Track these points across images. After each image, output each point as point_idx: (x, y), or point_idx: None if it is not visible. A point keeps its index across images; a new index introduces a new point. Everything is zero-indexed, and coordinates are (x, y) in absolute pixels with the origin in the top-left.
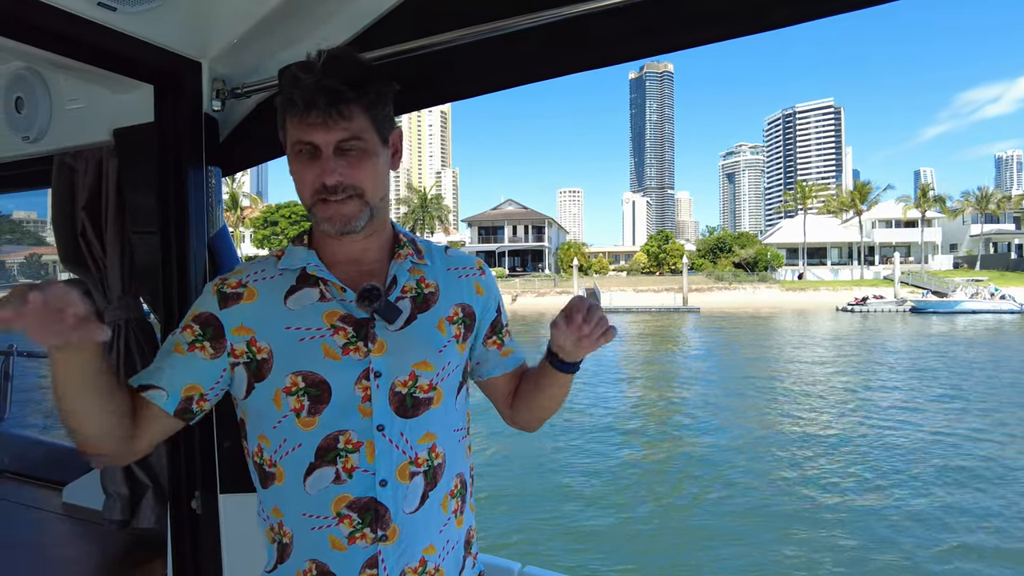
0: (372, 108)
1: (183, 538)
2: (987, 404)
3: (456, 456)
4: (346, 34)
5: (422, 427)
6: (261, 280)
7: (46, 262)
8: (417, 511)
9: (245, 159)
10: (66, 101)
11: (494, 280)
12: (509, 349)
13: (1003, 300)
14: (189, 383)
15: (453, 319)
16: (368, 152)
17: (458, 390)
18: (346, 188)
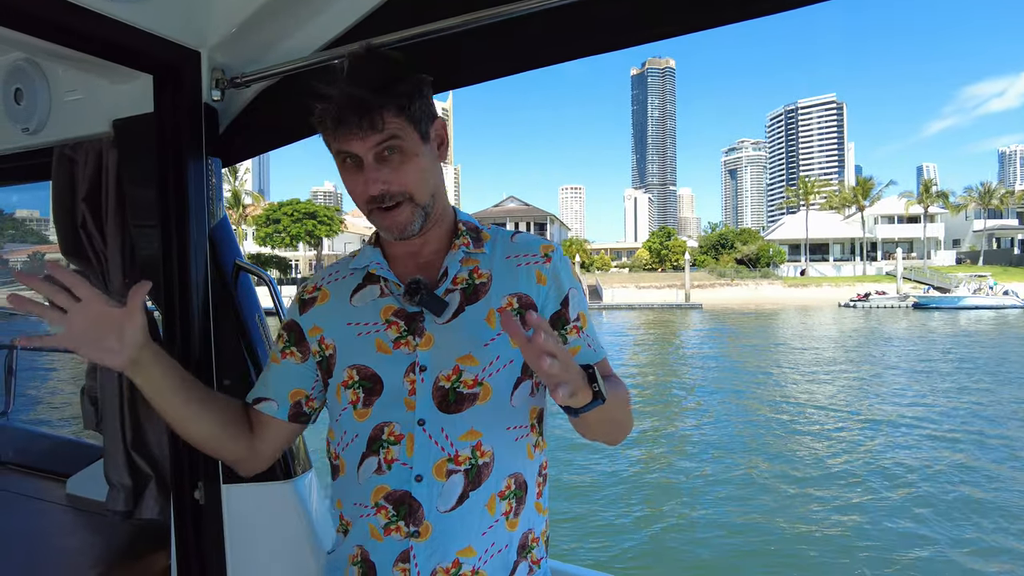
0: (405, 108)
1: (186, 528)
2: (991, 400)
3: (511, 456)
4: (346, 22)
5: (465, 424)
6: (334, 281)
7: (49, 260)
8: (453, 510)
9: (245, 149)
10: (65, 92)
11: (564, 268)
12: (574, 347)
13: (1006, 296)
14: (292, 388)
15: (505, 310)
16: (408, 153)
17: (515, 386)
18: (393, 195)
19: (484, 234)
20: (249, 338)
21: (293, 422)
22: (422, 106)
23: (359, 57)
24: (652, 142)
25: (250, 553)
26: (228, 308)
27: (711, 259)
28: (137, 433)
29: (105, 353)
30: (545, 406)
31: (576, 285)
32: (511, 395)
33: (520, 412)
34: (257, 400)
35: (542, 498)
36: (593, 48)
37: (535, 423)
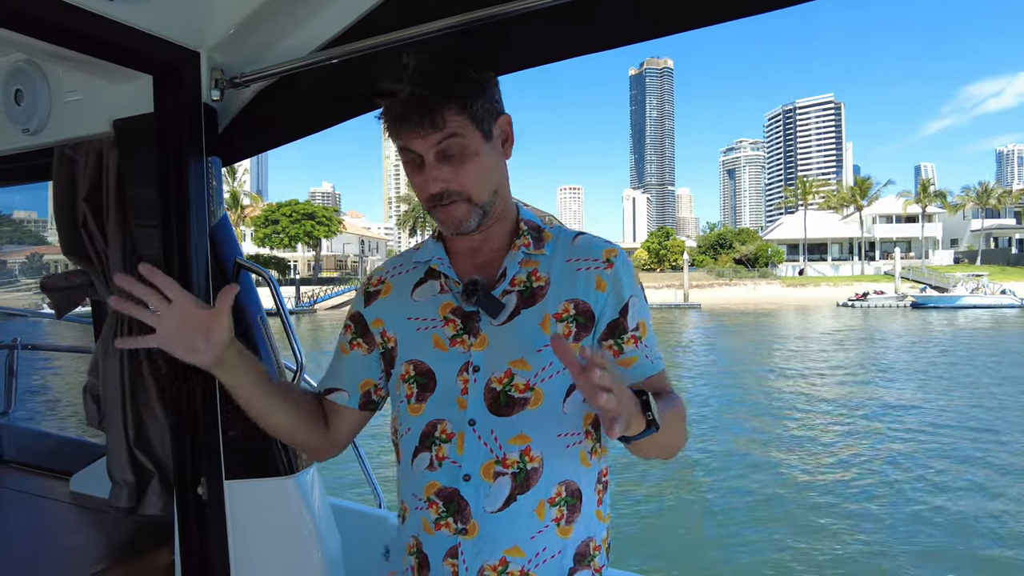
0: (467, 106)
1: (189, 524)
2: (990, 398)
3: (562, 463)
4: (344, 22)
5: (515, 428)
6: (397, 275)
7: (47, 261)
8: (500, 511)
9: (244, 149)
10: (65, 93)
11: (627, 274)
12: (631, 358)
13: (1003, 295)
14: (362, 379)
15: (561, 316)
16: (469, 152)
17: (568, 393)
18: (451, 194)
19: (546, 234)
20: (251, 337)
21: (364, 410)
22: (485, 104)
23: (422, 61)
24: (650, 142)
25: (253, 548)
26: None
27: (709, 259)
28: (140, 430)
29: (193, 353)
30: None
31: (638, 292)
32: (563, 402)
33: (572, 419)
34: (328, 391)
35: (602, 506)
36: (592, 46)
37: (590, 430)
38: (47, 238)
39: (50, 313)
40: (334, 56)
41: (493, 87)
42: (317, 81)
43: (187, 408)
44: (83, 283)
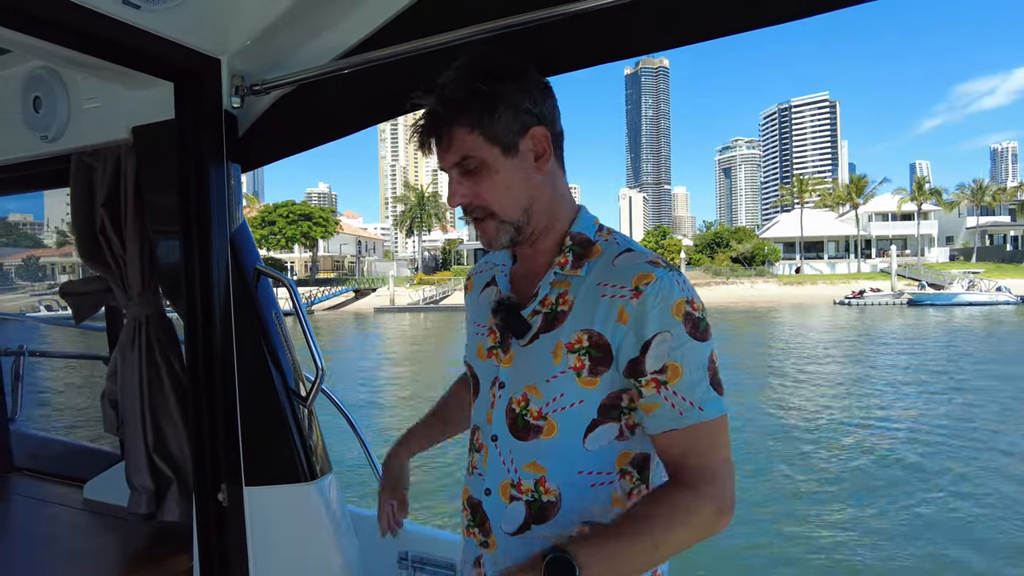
0: (478, 124)
1: (209, 531)
2: (986, 395)
3: (585, 501)
4: (364, 31)
5: (530, 455)
6: (478, 274)
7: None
8: (516, 535)
9: (264, 155)
10: (84, 100)
11: (656, 306)
12: (651, 404)
13: (999, 292)
14: None
15: (574, 347)
16: (486, 168)
17: (589, 428)
18: (475, 209)
19: (595, 249)
20: (270, 342)
21: None
22: (503, 119)
23: (444, 77)
24: (646, 141)
25: (272, 554)
26: (249, 312)
27: (706, 258)
28: (158, 436)
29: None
30: (651, 452)
31: (674, 327)
32: (583, 438)
33: (599, 457)
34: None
35: None
36: (608, 56)
37: (628, 470)
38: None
39: (46, 316)
40: (353, 65)
41: (518, 98)
42: (336, 89)
43: (207, 415)
44: (101, 289)
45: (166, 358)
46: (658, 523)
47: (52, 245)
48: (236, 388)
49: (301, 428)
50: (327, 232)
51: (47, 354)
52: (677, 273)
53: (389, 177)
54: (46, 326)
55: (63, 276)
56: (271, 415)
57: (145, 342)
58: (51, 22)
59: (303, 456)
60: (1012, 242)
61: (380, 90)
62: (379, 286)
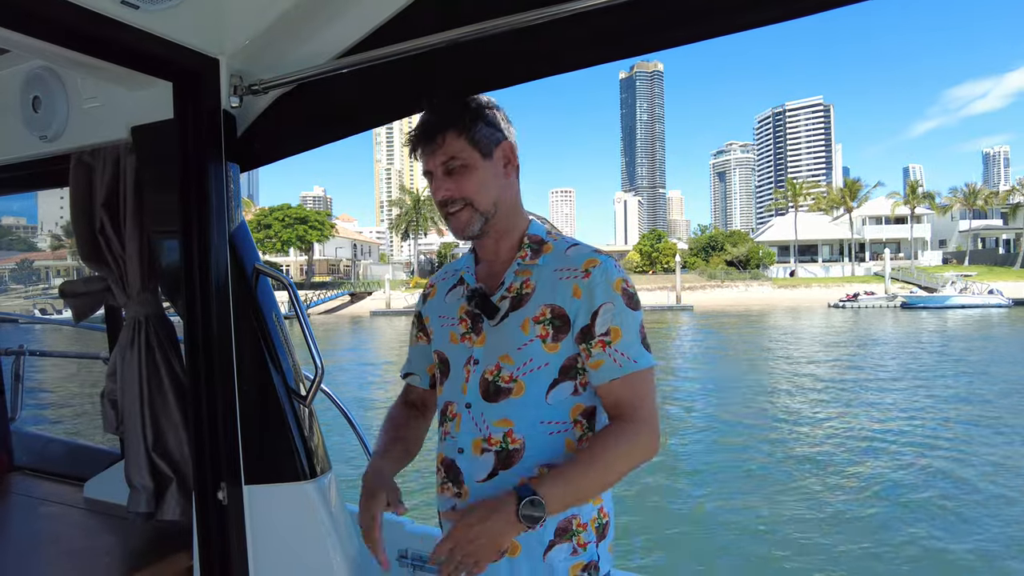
0: (465, 130)
1: (209, 529)
2: (979, 397)
3: (545, 447)
4: (362, 31)
5: (500, 412)
6: (442, 280)
7: (38, 267)
8: (486, 482)
9: (262, 155)
10: (83, 100)
11: (602, 283)
12: (597, 361)
13: (991, 295)
14: (428, 364)
15: (539, 319)
16: (470, 167)
17: (551, 386)
18: (455, 201)
19: (547, 246)
20: (269, 341)
21: (433, 387)
22: (483, 129)
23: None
24: (641, 145)
25: (272, 553)
26: (248, 311)
27: (701, 261)
28: (158, 435)
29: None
30: (598, 405)
31: (615, 298)
32: (546, 394)
33: (557, 409)
34: (407, 375)
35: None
36: (606, 56)
37: (580, 420)
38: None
39: (42, 318)
40: (352, 64)
41: (494, 115)
42: (335, 89)
43: (206, 413)
44: (101, 288)
45: (166, 357)
46: (608, 451)
47: (46, 248)
48: (236, 387)
49: (301, 427)
50: (323, 235)
51: (47, 353)
52: (614, 260)
53: (384, 181)
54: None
55: (57, 279)
56: (271, 414)
57: (145, 341)
58: (50, 22)
59: (303, 455)
60: (1004, 245)
61: (379, 89)
62: (375, 289)
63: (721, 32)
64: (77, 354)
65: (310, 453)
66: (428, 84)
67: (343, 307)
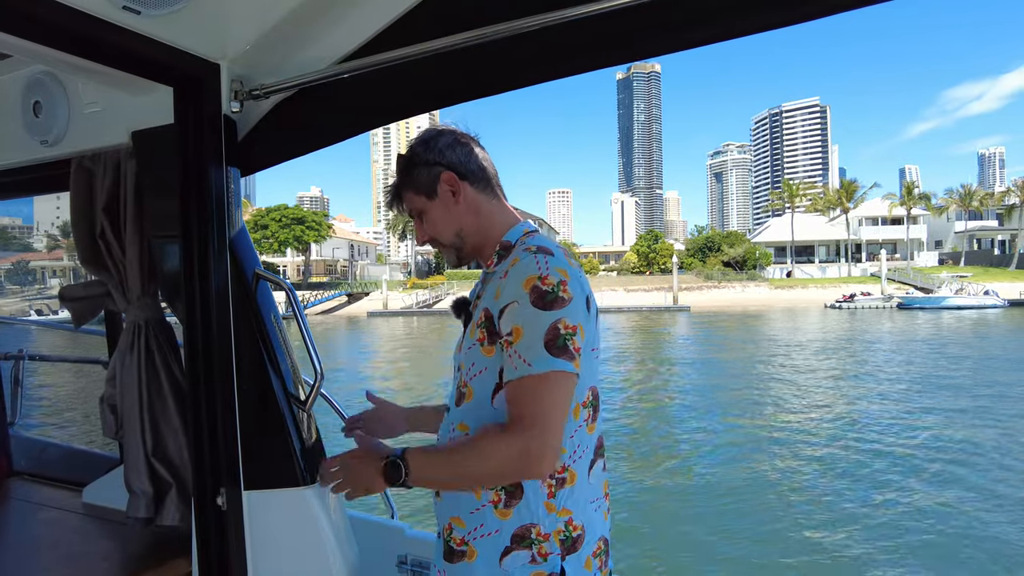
0: (411, 183)
1: (208, 535)
2: (973, 397)
3: None
4: (363, 36)
5: (460, 417)
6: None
7: (34, 268)
8: None
9: (263, 159)
10: (84, 104)
11: (511, 283)
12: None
13: (987, 296)
14: None
15: (479, 323)
16: (424, 212)
17: (495, 391)
18: (431, 241)
19: (510, 252)
20: (269, 346)
21: None
22: (420, 174)
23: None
24: (638, 146)
25: (272, 559)
26: (248, 316)
27: (698, 262)
28: (157, 440)
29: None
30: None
31: (521, 297)
32: (492, 399)
33: (502, 413)
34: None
35: (555, 499)
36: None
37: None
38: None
39: (44, 320)
40: (352, 69)
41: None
42: (335, 94)
43: (206, 418)
44: (101, 293)
45: (165, 362)
46: (468, 450)
47: (42, 250)
48: (235, 392)
49: (300, 432)
50: (320, 236)
51: (46, 358)
52: (544, 256)
53: (381, 181)
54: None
55: (53, 280)
56: (270, 419)
57: (144, 346)
58: (51, 27)
59: (302, 460)
60: (999, 246)
61: (380, 95)
62: (372, 290)
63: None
64: (77, 358)
65: (309, 458)
66: (428, 88)
67: (340, 308)
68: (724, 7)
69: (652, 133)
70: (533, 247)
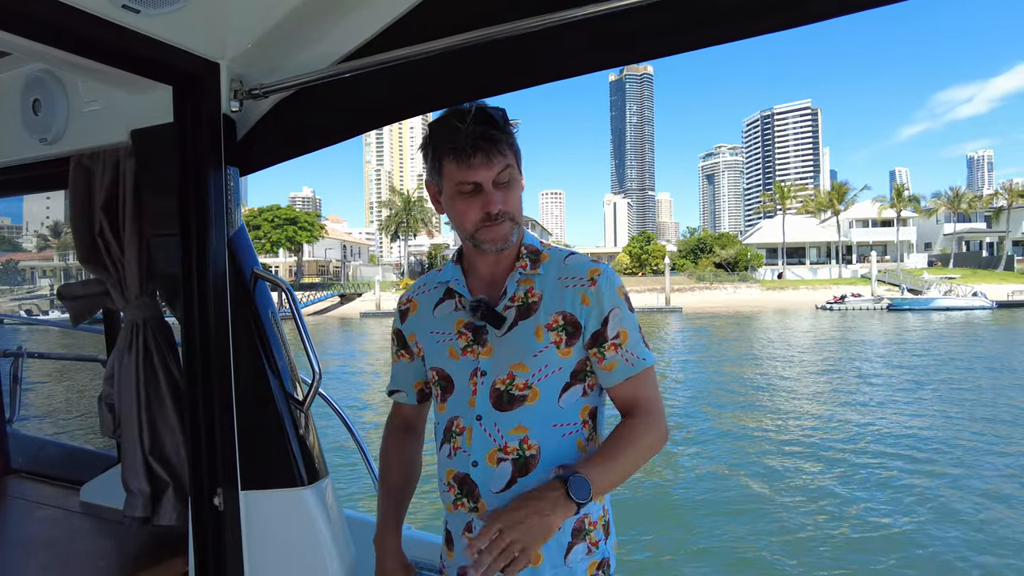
0: (513, 145)
1: (205, 534)
2: (961, 397)
3: (559, 449)
4: (361, 36)
5: (515, 420)
6: (422, 294)
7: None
8: (504, 491)
9: (262, 159)
10: (83, 103)
11: (608, 289)
12: (611, 363)
13: (975, 297)
14: (414, 380)
15: (552, 326)
16: (515, 182)
17: (563, 390)
18: (504, 214)
19: (543, 255)
20: (267, 345)
21: (423, 402)
22: (516, 146)
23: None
24: (631, 148)
25: (268, 559)
26: (246, 315)
27: (690, 263)
28: (155, 440)
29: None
30: (600, 405)
31: (620, 304)
32: (559, 398)
33: (569, 412)
34: (392, 391)
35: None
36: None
37: (588, 420)
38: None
39: (43, 319)
40: (351, 69)
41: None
42: (335, 93)
43: (203, 418)
44: (99, 292)
45: (163, 361)
46: (631, 450)
47: (32, 249)
48: (233, 392)
49: (298, 432)
50: (312, 236)
51: (46, 356)
52: (611, 268)
53: (374, 182)
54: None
55: (44, 280)
56: (267, 419)
57: (142, 345)
58: (51, 26)
59: (299, 460)
60: (988, 248)
61: (379, 95)
62: (365, 291)
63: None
64: (76, 356)
65: (307, 458)
66: (427, 89)
67: (333, 308)
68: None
69: (644, 135)
70: (591, 258)
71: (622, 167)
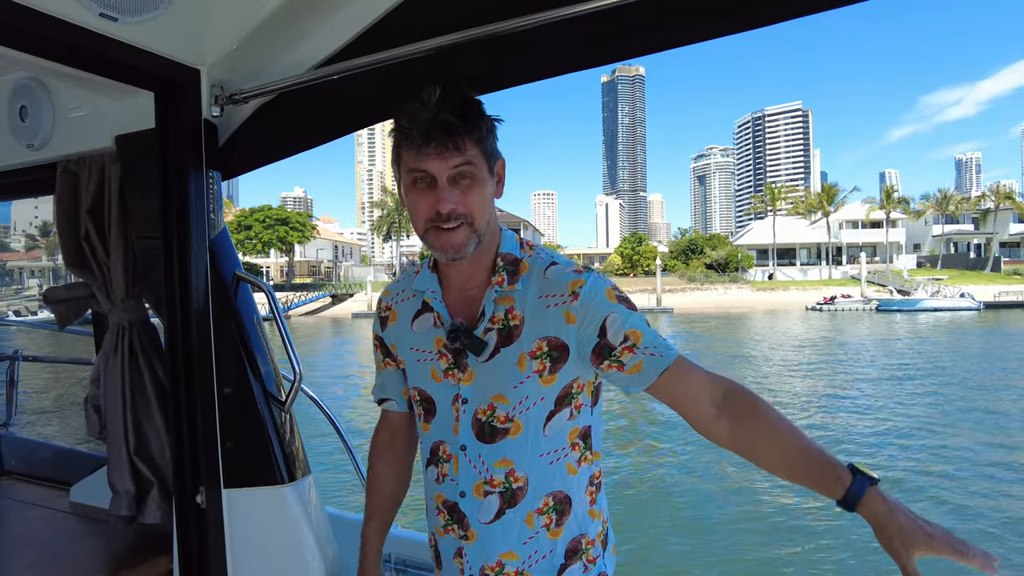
0: (482, 141)
1: (188, 533)
2: (946, 396)
3: (547, 478)
4: (342, 39)
5: (499, 453)
6: (400, 302)
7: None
8: (493, 522)
9: (244, 163)
10: (69, 109)
11: (596, 298)
12: (635, 365)
13: (962, 298)
14: (402, 388)
15: (536, 354)
16: (478, 180)
17: (547, 419)
18: (458, 216)
19: (523, 265)
20: (249, 347)
21: (411, 409)
22: (492, 143)
23: (448, 90)
24: (623, 149)
25: (251, 556)
26: (228, 317)
27: (681, 264)
28: (140, 440)
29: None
30: (593, 423)
31: (614, 307)
32: (544, 428)
33: (555, 439)
34: (382, 400)
35: (596, 505)
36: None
37: (577, 442)
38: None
39: (33, 321)
40: (332, 73)
41: (494, 132)
42: (315, 97)
43: (186, 418)
44: (84, 295)
45: (149, 363)
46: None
47: (20, 249)
48: (215, 392)
49: (280, 431)
50: (304, 237)
51: (41, 359)
52: (594, 272)
53: (366, 182)
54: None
55: (32, 280)
56: (250, 418)
57: (128, 348)
58: (30, 34)
59: (281, 458)
60: (975, 250)
61: (359, 98)
62: (356, 291)
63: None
64: (69, 359)
65: (288, 457)
66: (407, 92)
67: (325, 309)
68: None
69: (636, 136)
70: (574, 267)
71: (614, 168)
